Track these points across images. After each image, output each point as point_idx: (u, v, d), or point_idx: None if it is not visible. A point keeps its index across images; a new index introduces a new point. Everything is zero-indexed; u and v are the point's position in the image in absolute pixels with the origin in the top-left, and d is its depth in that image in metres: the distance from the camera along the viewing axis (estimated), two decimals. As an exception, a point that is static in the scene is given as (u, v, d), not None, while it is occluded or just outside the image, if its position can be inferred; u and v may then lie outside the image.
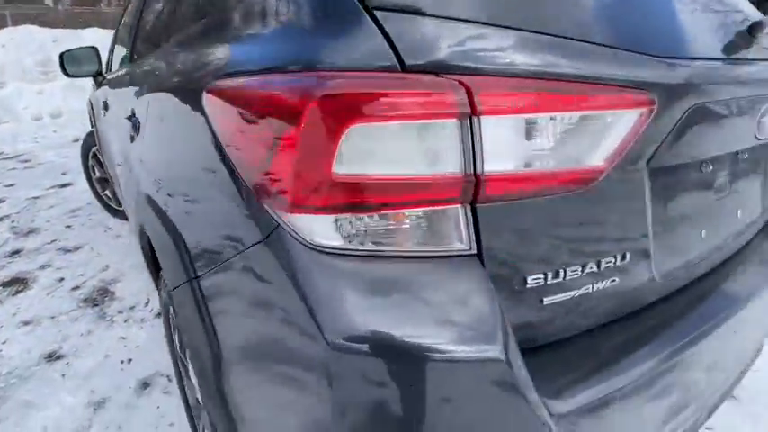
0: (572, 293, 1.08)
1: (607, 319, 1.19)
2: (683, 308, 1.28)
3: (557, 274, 1.05)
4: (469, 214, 0.94)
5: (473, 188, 0.91)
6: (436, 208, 0.92)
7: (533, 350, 1.07)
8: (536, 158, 0.95)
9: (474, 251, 0.96)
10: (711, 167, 1.38)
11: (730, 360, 1.50)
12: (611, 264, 1.12)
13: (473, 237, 0.95)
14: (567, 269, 1.06)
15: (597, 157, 1.01)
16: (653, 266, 1.22)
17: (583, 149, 1.00)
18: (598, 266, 1.10)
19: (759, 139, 1.39)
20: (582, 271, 1.08)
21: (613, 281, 1.14)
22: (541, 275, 1.03)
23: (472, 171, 0.90)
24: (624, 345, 1.14)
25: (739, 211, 1.56)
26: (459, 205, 0.93)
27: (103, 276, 3.32)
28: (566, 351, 1.09)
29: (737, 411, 2.10)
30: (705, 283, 1.42)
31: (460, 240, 0.95)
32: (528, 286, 1.03)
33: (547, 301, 1.06)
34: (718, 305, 1.34)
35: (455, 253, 0.95)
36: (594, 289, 1.12)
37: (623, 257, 1.14)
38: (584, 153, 1.00)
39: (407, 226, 0.92)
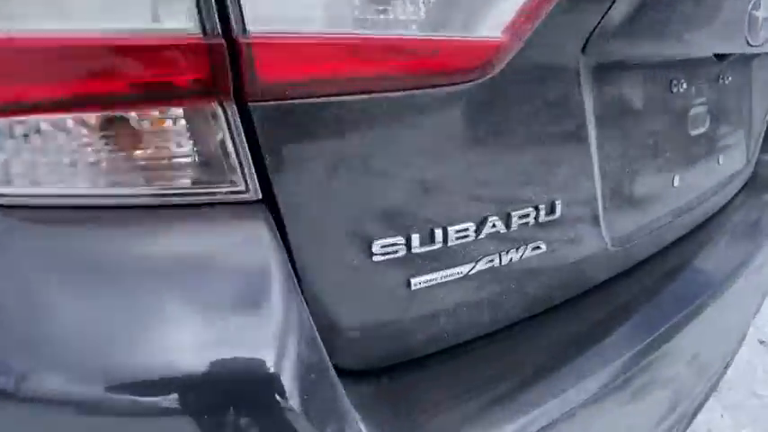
0: (461, 270, 0.64)
1: (529, 312, 0.74)
2: (647, 291, 0.85)
3: (431, 237, 0.60)
4: (238, 122, 0.48)
5: (231, 66, 0.45)
6: (161, 109, 0.46)
7: (388, 373, 0.62)
8: (363, 12, 0.49)
9: (256, 195, 0.50)
10: (685, 86, 0.95)
11: (710, 359, 1.09)
12: (531, 219, 0.67)
13: (251, 168, 0.49)
14: (451, 228, 0.61)
15: (488, 22, 0.56)
16: (602, 226, 0.78)
17: (459, 5, 0.55)
18: (506, 223, 0.65)
19: (751, 45, 0.96)
20: (478, 230, 0.63)
21: (537, 248, 0.70)
22: (401, 239, 0.58)
23: (218, 29, 0.44)
24: (557, 354, 0.70)
25: (721, 157, 1.14)
26: (212, 103, 0.47)
27: None
28: (451, 371, 0.65)
29: (717, 402, 1.97)
30: (677, 254, 0.99)
31: (225, 174, 0.49)
32: (375, 260, 0.58)
33: (416, 283, 0.61)
34: (695, 286, 0.91)
35: (218, 199, 0.50)
36: (503, 262, 0.67)
37: (551, 209, 0.70)
38: (465, 14, 0.55)
39: (103, 150, 0.46)
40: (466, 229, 0.62)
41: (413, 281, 0.61)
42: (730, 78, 1.13)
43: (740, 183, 1.33)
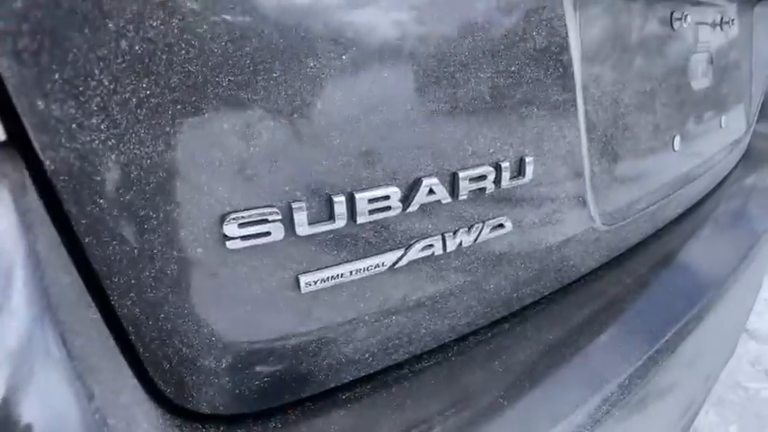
0: (381, 261, 0.41)
1: (487, 320, 0.53)
2: (642, 284, 0.64)
3: (328, 209, 0.38)
4: None
5: None
6: None
7: (270, 419, 0.40)
8: None
9: None
10: (688, 22, 0.74)
11: (712, 359, 0.90)
12: (489, 183, 0.45)
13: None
14: (360, 194, 0.38)
15: None
16: (589, 196, 0.57)
17: None
18: (452, 188, 0.43)
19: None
20: (406, 200, 0.41)
21: (499, 227, 0.48)
22: (275, 213, 0.35)
23: None
24: (525, 376, 0.49)
25: (723, 120, 0.95)
26: None
27: None
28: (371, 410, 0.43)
29: (701, 396, 1.66)
30: (676, 238, 0.79)
31: None
32: (230, 246, 0.35)
33: (308, 283, 0.39)
34: (699, 278, 0.71)
35: None
36: (449, 248, 0.45)
37: (518, 169, 0.48)
38: None
39: None
40: (386, 197, 0.39)
41: (303, 279, 0.38)
42: (734, 22, 0.93)
43: (739, 153, 1.14)
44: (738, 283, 0.78)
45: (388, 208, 0.40)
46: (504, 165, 0.45)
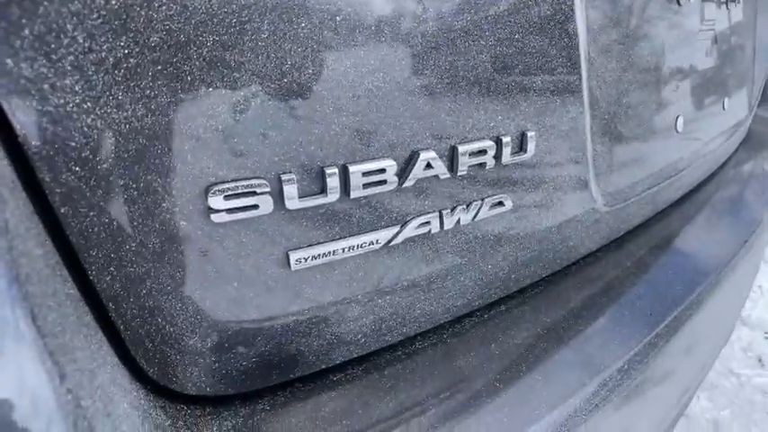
0: (376, 238, 0.40)
1: (484, 301, 0.51)
2: (643, 266, 0.63)
3: (320, 181, 0.36)
4: None
5: None
6: None
7: (257, 402, 0.38)
8: None
9: None
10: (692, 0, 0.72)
11: (708, 346, 0.89)
12: (489, 159, 0.43)
13: None
14: (354, 167, 0.36)
15: None
16: (591, 175, 0.55)
17: None
18: (450, 163, 0.41)
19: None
20: (403, 173, 0.39)
21: (498, 205, 0.46)
22: (263, 184, 0.33)
23: None
24: (523, 357, 0.47)
25: (726, 101, 0.93)
26: None
27: None
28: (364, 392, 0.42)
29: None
30: (670, 219, 0.78)
31: None
32: (215, 219, 0.33)
33: (299, 260, 0.37)
34: (699, 263, 0.70)
35: None
36: (446, 226, 0.43)
37: (519, 144, 0.46)
38: None
39: None
40: (381, 171, 0.37)
41: (293, 256, 0.37)
42: (740, 2, 0.91)
43: (740, 137, 1.13)
44: (736, 269, 0.77)
45: (384, 182, 0.38)
46: (506, 140, 0.43)
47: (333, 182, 0.36)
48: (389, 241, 0.41)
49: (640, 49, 0.60)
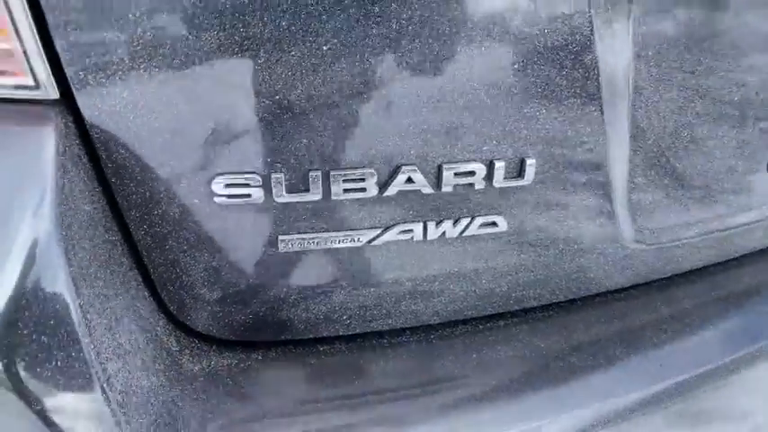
0: (358, 236, 0.46)
1: (464, 313, 0.54)
2: (670, 315, 0.58)
3: (303, 181, 0.43)
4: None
5: None
6: None
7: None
8: None
9: (51, 93, 0.38)
10: None
11: None
12: (478, 180, 0.46)
13: (38, 44, 0.37)
14: (335, 171, 0.43)
15: None
16: (619, 210, 0.53)
17: None
18: (435, 179, 0.45)
19: None
20: (386, 183, 0.45)
21: (491, 225, 0.49)
22: (256, 179, 0.42)
23: None
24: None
25: None
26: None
27: None
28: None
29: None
30: (739, 271, 0.68)
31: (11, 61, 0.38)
32: (218, 201, 0.42)
33: (286, 243, 0.45)
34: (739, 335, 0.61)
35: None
36: (430, 236, 0.47)
37: (518, 170, 0.47)
38: None
39: None
40: (361, 179, 0.43)
41: (280, 239, 0.45)
42: None
43: None
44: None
45: (364, 189, 0.44)
46: (498, 164, 0.45)
47: (315, 184, 0.43)
48: (371, 241, 0.46)
49: (705, 80, 0.54)
